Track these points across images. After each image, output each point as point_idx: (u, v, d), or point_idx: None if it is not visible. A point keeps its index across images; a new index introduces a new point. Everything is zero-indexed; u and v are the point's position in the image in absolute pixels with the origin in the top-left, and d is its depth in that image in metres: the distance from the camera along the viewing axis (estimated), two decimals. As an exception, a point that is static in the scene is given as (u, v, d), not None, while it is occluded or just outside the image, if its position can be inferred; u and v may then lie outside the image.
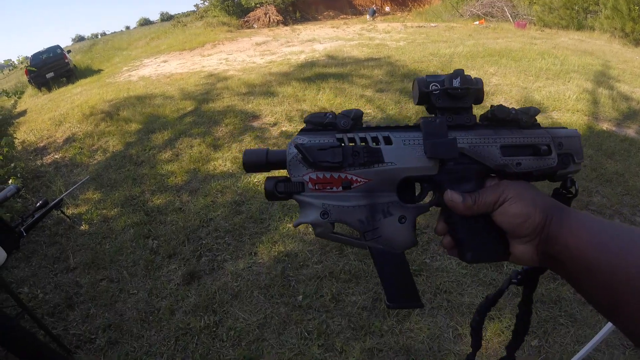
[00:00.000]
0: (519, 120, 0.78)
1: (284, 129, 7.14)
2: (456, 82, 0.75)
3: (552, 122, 7.08)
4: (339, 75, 10.19)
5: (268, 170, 0.78)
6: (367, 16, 28.33)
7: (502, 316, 3.37)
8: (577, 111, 7.54)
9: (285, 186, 0.75)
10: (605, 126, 7.11)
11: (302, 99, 8.53)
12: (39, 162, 7.30)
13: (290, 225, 4.51)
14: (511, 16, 22.62)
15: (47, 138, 8.46)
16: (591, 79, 9.63)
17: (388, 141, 0.75)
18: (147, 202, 5.36)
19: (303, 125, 0.78)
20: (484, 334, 3.25)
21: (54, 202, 2.90)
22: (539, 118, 6.14)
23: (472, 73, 9.52)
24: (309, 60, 12.84)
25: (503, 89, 8.76)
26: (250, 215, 4.79)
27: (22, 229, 2.60)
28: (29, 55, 19.46)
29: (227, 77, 11.28)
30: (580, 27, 19.44)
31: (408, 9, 31.48)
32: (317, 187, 0.74)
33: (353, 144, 0.75)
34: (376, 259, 0.77)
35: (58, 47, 20.00)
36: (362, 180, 0.74)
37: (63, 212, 3.12)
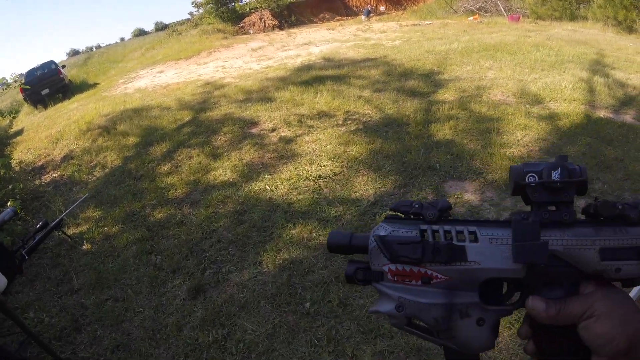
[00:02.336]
0: (626, 217, 0.66)
1: (283, 134, 7.09)
2: (555, 175, 0.67)
3: (550, 112, 7.05)
4: (336, 77, 10.17)
5: (351, 254, 0.75)
6: (362, 17, 28.33)
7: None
8: (574, 100, 7.51)
9: (365, 274, 0.73)
10: (602, 114, 7.09)
11: (300, 103, 8.50)
12: (37, 182, 7.28)
13: (294, 232, 4.47)
14: (505, 10, 22.63)
15: (45, 157, 8.42)
16: (586, 68, 9.61)
17: (474, 238, 0.69)
18: (148, 217, 5.32)
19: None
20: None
21: (54, 222, 2.86)
22: (538, 110, 6.12)
23: (468, 68, 9.66)
24: (306, 63, 12.82)
25: (499, 83, 8.72)
26: (253, 224, 4.75)
27: (23, 252, 2.56)
28: (23, 72, 19.48)
29: (224, 85, 11.26)
30: (573, 18, 19.51)
31: (403, 7, 31.46)
32: (396, 279, 0.71)
33: (436, 237, 0.70)
34: (448, 357, 0.74)
35: (52, 62, 20.00)
36: (443, 277, 0.70)
37: (64, 233, 3.07)
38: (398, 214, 0.74)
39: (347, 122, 7.32)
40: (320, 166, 5.81)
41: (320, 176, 5.56)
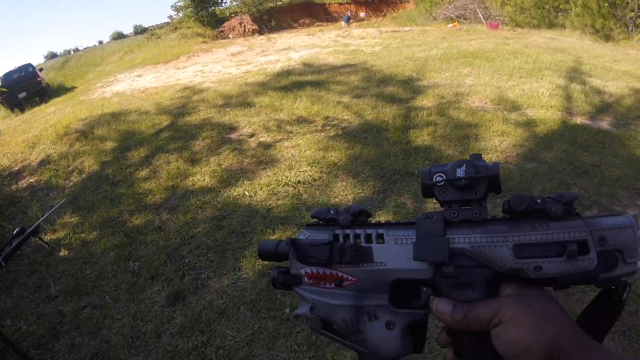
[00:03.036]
0: (547, 210, 0.63)
1: (262, 139, 7.08)
2: (460, 172, 0.66)
3: (527, 119, 7.14)
4: (316, 83, 10.19)
5: (279, 261, 0.79)
6: (342, 23, 28.45)
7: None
8: (551, 107, 7.61)
9: (284, 277, 0.76)
10: (579, 120, 7.19)
11: (279, 109, 8.50)
12: (13, 187, 7.16)
13: (274, 237, 4.46)
14: (484, 18, 22.90)
15: (22, 161, 8.30)
16: (563, 75, 9.75)
17: (381, 239, 0.70)
18: (126, 222, 5.27)
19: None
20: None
21: (31, 228, 2.84)
22: (515, 116, 6.19)
23: (447, 75, 9.73)
24: (285, 68, 12.83)
25: (477, 89, 8.80)
26: (232, 229, 4.74)
27: (0, 260, 2.53)
28: (0, 75, 19.19)
29: (203, 90, 11.22)
30: (551, 26, 19.82)
31: (383, 14, 31.74)
32: (312, 282, 0.74)
33: (347, 240, 0.72)
34: None
35: (30, 65, 19.74)
36: (353, 279, 0.71)
37: (41, 239, 3.06)
38: (317, 220, 0.77)
39: (327, 127, 7.34)
40: (300, 172, 5.82)
41: (299, 182, 5.57)
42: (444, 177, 0.66)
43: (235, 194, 5.47)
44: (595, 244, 0.59)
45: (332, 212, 0.75)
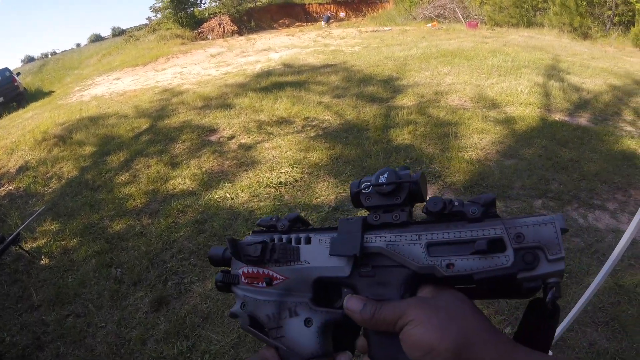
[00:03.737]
0: (464, 213, 0.62)
1: (242, 141, 7.06)
2: (383, 178, 0.68)
3: (506, 116, 7.21)
4: (296, 84, 10.19)
5: (227, 266, 0.82)
6: (322, 23, 28.42)
7: (487, 301, 3.39)
8: (530, 104, 7.70)
9: (224, 277, 0.80)
10: (557, 117, 7.28)
11: (260, 110, 8.48)
12: (-8, 195, 7.06)
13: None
14: (463, 17, 23.04)
15: (0, 168, 8.19)
16: (542, 73, 9.87)
17: (308, 241, 0.74)
18: (107, 228, 5.22)
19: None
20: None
21: (11, 237, 2.81)
22: (495, 114, 6.24)
23: (427, 74, 9.78)
24: (265, 69, 12.80)
25: (457, 88, 8.86)
26: (214, 232, 4.72)
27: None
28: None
29: (182, 92, 11.15)
30: (529, 25, 20.04)
31: (362, 14, 31.77)
32: (247, 281, 0.77)
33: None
34: None
35: (7, 69, 19.44)
36: (281, 277, 0.74)
37: (21, 247, 3.03)
38: (262, 227, 0.81)
39: (307, 128, 7.34)
40: (281, 173, 5.81)
41: (281, 183, 5.56)
42: (370, 184, 0.69)
43: (216, 196, 5.44)
44: (512, 241, 0.57)
45: (273, 219, 0.79)
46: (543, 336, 0.61)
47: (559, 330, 2.87)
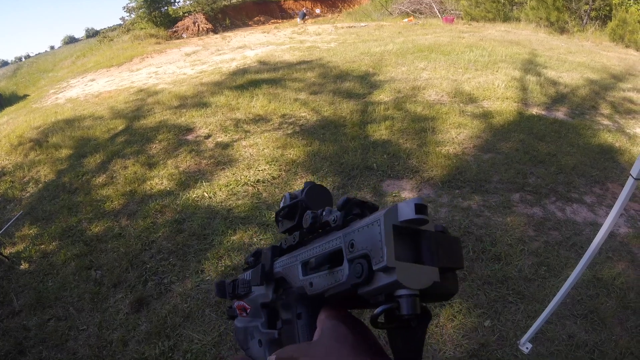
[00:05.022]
0: (327, 223, 0.58)
1: (219, 139, 7.06)
2: (282, 203, 0.72)
3: (484, 110, 7.28)
4: (272, 81, 10.18)
5: (231, 300, 0.86)
6: (298, 19, 28.41)
7: (452, 301, 3.47)
8: (507, 99, 7.80)
9: (229, 311, 0.86)
10: (535, 111, 7.38)
11: (236, 108, 8.47)
12: (-32, 202, 6.96)
13: (235, 238, 4.48)
14: (439, 12, 23.18)
15: (-24, 174, 8.08)
16: (519, 67, 10.01)
17: None
18: (85, 231, 5.18)
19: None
20: (437, 321, 3.34)
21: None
22: (472, 108, 6.32)
23: (403, 69, 9.84)
24: (241, 67, 12.76)
25: (434, 83, 8.94)
26: (193, 232, 4.72)
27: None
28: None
29: (158, 91, 11.06)
30: (506, 19, 20.23)
31: (338, 10, 31.80)
32: (240, 312, 0.82)
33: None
34: None
35: (-21, 74, 19.20)
36: (249, 307, 0.79)
37: (0, 253, 3.00)
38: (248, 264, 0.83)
39: (284, 125, 7.35)
40: (259, 170, 5.82)
41: (258, 180, 5.57)
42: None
43: (194, 196, 5.44)
44: (347, 251, 0.51)
45: (250, 257, 0.81)
46: (412, 346, 0.50)
47: (538, 321, 2.93)
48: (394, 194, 5.11)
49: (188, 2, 31.14)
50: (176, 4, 31.12)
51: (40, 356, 3.51)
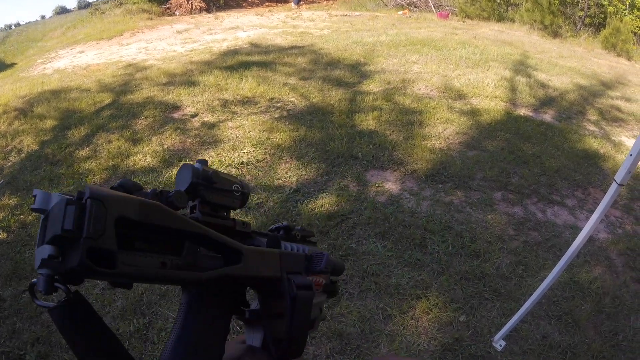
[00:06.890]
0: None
1: (205, 119, 7.01)
2: None
3: (472, 108, 7.33)
4: (262, 64, 10.11)
5: None
6: (292, 4, 28.12)
7: (429, 294, 3.48)
8: (496, 98, 7.83)
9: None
10: (522, 112, 7.43)
11: (224, 88, 8.40)
12: (-52, 167, 6.87)
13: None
14: (434, 7, 23.09)
15: (-43, 141, 7.98)
16: (510, 67, 10.02)
17: None
18: (65, 203, 5.13)
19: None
20: (412, 313, 3.37)
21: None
22: (460, 105, 6.34)
23: (395, 61, 9.85)
24: (232, 48, 12.64)
25: (424, 77, 8.94)
26: (174, 211, 4.68)
27: None
28: None
29: (147, 67, 10.94)
30: (501, 19, 20.22)
31: (334, -3, 31.58)
32: None
33: None
34: None
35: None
36: None
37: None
38: None
39: (272, 109, 7.32)
40: (243, 152, 5.80)
41: (243, 162, 5.56)
42: None
43: (175, 174, 5.40)
44: None
45: None
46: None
47: (513, 320, 2.96)
48: (377, 185, 5.13)
49: (183, -21, 30.79)
50: (170, -20, 30.78)
51: (14, 327, 3.49)
